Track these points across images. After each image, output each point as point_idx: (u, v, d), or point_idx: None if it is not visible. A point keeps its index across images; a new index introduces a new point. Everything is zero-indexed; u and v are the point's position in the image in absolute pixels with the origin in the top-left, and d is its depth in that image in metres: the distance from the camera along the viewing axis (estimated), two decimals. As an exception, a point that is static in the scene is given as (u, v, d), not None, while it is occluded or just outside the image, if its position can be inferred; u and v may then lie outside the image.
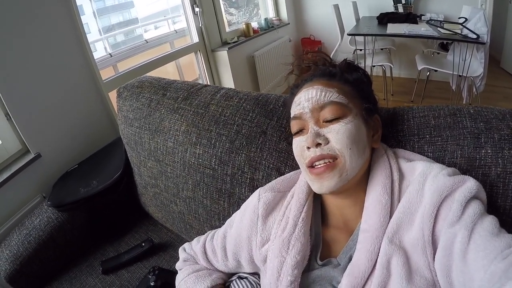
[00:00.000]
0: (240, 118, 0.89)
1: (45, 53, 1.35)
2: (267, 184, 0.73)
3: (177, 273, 1.00)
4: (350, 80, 0.67)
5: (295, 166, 0.80)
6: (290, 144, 0.81)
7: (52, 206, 1.15)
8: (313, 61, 0.74)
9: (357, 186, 0.62)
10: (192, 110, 0.97)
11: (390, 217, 0.56)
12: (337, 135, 0.59)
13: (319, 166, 0.59)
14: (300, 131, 0.65)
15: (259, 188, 0.73)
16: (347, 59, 0.72)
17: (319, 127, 0.61)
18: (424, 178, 0.56)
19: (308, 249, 0.63)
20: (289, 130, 0.68)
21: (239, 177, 0.86)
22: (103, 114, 1.62)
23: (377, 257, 0.54)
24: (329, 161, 0.58)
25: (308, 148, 0.60)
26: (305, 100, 0.63)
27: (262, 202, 0.70)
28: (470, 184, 0.52)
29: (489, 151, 0.62)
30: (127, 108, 1.14)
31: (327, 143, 0.59)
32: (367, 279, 0.53)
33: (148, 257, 1.11)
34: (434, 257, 0.50)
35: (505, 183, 0.60)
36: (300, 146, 0.63)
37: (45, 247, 1.08)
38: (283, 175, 0.76)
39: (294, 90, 0.72)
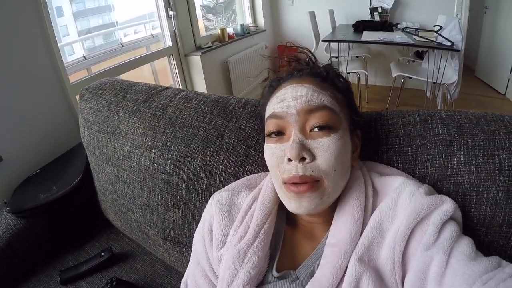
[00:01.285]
0: (198, 120, 0.85)
1: (9, 56, 1.29)
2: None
3: (136, 285, 0.96)
4: (340, 88, 0.60)
5: (253, 171, 0.76)
6: (249, 147, 0.78)
7: (10, 212, 1.08)
8: (296, 57, 0.65)
9: (331, 205, 0.56)
10: (150, 112, 0.93)
11: (361, 233, 0.52)
12: (326, 153, 0.51)
13: (298, 185, 0.51)
14: (277, 134, 0.56)
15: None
16: (331, 64, 0.65)
17: (305, 136, 0.53)
18: (397, 195, 0.53)
19: (265, 264, 0.57)
20: (248, 131, 0.62)
21: (195, 182, 0.81)
22: (69, 117, 1.55)
23: (343, 275, 0.49)
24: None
25: (289, 160, 0.52)
26: (292, 98, 0.54)
27: (215, 201, 0.64)
28: (446, 206, 0.49)
29: (462, 159, 0.60)
30: (88, 110, 1.09)
31: (312, 160, 0.51)
32: None
33: (108, 267, 1.05)
34: (402, 279, 0.48)
35: (479, 191, 0.58)
36: (278, 156, 0.54)
37: (3, 256, 1.01)
38: None
39: (274, 83, 0.62)
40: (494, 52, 3.73)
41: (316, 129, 0.53)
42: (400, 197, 0.52)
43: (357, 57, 3.57)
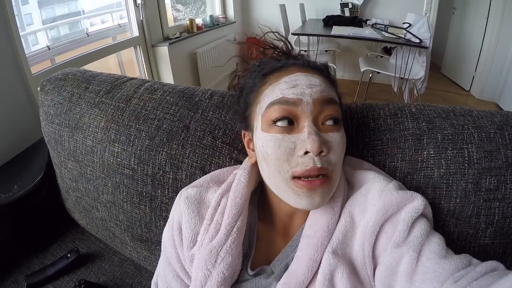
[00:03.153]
0: (162, 112, 0.81)
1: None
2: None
3: (106, 286, 0.91)
4: (335, 85, 0.59)
5: (221, 164, 0.74)
6: (216, 138, 0.75)
7: (-31, 215, 1.01)
8: (273, 44, 0.63)
9: None
10: (113, 104, 0.88)
11: (335, 226, 0.52)
12: (337, 147, 0.50)
13: (313, 179, 0.48)
14: (288, 122, 0.50)
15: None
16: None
17: (318, 129, 0.50)
18: (367, 190, 0.53)
19: (239, 263, 0.55)
20: (215, 122, 0.59)
21: (161, 177, 0.78)
22: (30, 111, 1.46)
23: (317, 268, 0.49)
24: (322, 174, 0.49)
25: (306, 153, 0.48)
26: (307, 85, 0.50)
27: (183, 198, 0.61)
28: (417, 203, 0.49)
29: (432, 152, 0.61)
30: (48, 103, 1.02)
31: (327, 153, 0.49)
32: None
33: (75, 269, 1.00)
34: (373, 272, 0.48)
35: (449, 184, 0.60)
36: (288, 148, 0.49)
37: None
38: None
39: (264, 66, 0.57)
40: (460, 51, 3.90)
41: (328, 122, 0.51)
42: (370, 192, 0.52)
43: (326, 51, 3.63)
